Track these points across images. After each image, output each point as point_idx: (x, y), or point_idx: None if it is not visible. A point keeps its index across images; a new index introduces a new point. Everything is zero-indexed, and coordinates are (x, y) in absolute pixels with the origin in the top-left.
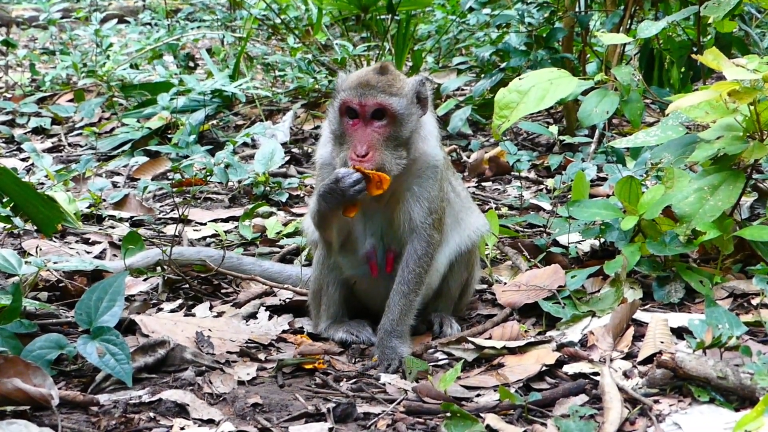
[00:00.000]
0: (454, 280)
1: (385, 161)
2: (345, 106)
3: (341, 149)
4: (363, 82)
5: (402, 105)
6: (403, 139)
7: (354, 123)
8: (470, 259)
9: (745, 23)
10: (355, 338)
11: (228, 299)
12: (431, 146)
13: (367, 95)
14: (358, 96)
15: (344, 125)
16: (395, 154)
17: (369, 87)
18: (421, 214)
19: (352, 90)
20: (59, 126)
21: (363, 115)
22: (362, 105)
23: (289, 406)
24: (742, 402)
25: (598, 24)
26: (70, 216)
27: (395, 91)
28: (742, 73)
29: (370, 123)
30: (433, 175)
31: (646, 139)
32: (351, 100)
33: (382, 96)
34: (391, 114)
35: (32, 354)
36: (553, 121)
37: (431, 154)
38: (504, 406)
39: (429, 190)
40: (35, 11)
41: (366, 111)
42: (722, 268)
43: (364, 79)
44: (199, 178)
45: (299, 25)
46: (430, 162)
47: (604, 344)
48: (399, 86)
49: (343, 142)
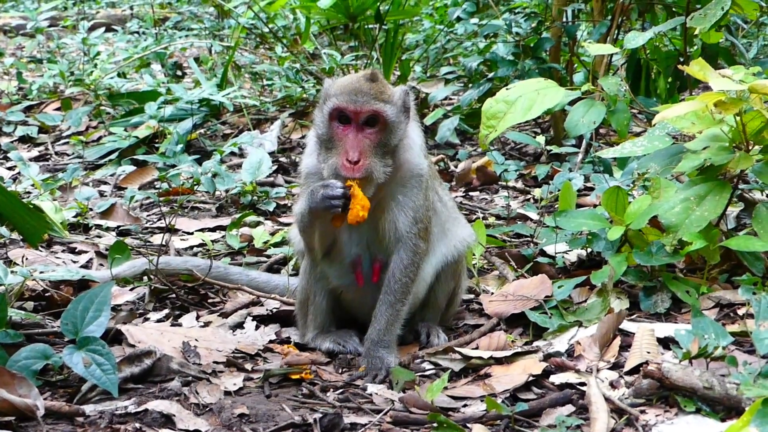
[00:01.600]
0: (441, 290)
1: (374, 169)
2: (337, 112)
3: (328, 155)
4: (356, 89)
5: (393, 112)
6: (391, 147)
7: (345, 129)
8: (457, 270)
9: (731, 34)
10: (342, 348)
11: (215, 309)
12: (415, 155)
13: (362, 102)
14: (352, 102)
15: (334, 130)
16: (383, 161)
17: (362, 93)
18: (406, 224)
19: (344, 96)
20: (46, 135)
21: (356, 121)
22: (357, 111)
23: (275, 416)
24: (728, 412)
25: (585, 34)
26: (56, 225)
27: (387, 99)
28: (728, 84)
29: (361, 129)
30: (417, 184)
31: (632, 149)
32: (345, 106)
33: (376, 103)
34: (383, 121)
35: (18, 364)
36: (540, 131)
37: (415, 163)
38: (491, 416)
39: (414, 200)
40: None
41: (360, 117)
42: (708, 278)
43: (356, 85)
44: (186, 187)
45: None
46: (414, 171)
47: (590, 354)
48: (389, 94)
49: (331, 147)
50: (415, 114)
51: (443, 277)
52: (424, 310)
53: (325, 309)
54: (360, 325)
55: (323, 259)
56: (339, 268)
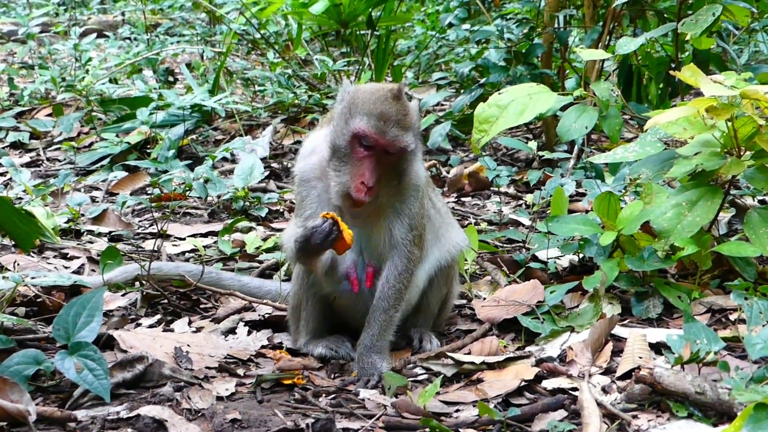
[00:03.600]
0: (433, 295)
1: (381, 194)
2: (362, 137)
3: (341, 168)
4: (383, 115)
5: (412, 141)
6: (402, 170)
7: (366, 152)
8: (449, 275)
9: (722, 40)
10: (335, 353)
11: (207, 314)
12: (416, 167)
13: (389, 134)
14: (379, 133)
15: (354, 149)
16: (391, 183)
17: (390, 122)
18: (402, 231)
19: (373, 121)
20: (38, 140)
21: (378, 150)
22: (382, 144)
23: (267, 421)
24: (720, 417)
25: (577, 40)
26: (48, 231)
27: (408, 124)
28: (719, 90)
29: (381, 156)
30: (415, 193)
31: (624, 154)
32: (372, 135)
33: (402, 136)
34: (403, 151)
35: (9, 370)
36: (532, 137)
37: (415, 174)
38: (483, 421)
39: (410, 207)
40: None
41: (384, 148)
42: (700, 283)
43: (384, 109)
44: (178, 192)
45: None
46: (413, 181)
47: (582, 359)
48: (410, 117)
49: (346, 162)
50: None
51: (436, 283)
52: (416, 315)
53: (317, 314)
54: (353, 330)
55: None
56: (332, 274)
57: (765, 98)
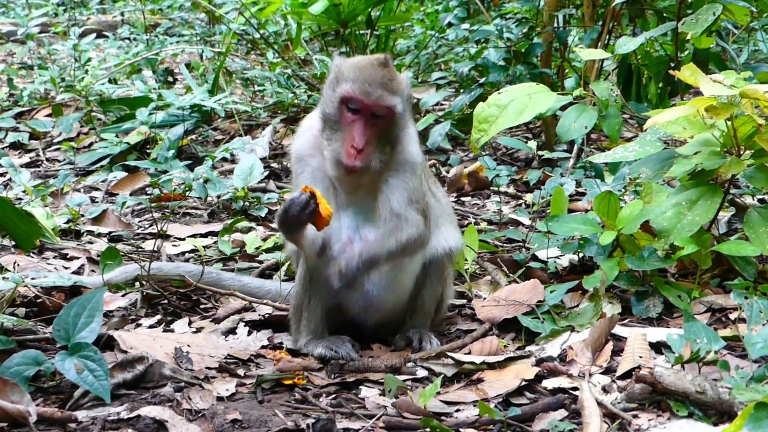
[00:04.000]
0: (428, 293)
1: (373, 159)
2: (348, 100)
3: (332, 136)
4: (370, 77)
5: (401, 105)
6: (393, 137)
7: (354, 116)
8: (443, 273)
9: (722, 39)
10: (335, 354)
11: (207, 315)
12: (410, 145)
13: (374, 94)
14: (366, 94)
15: (343, 115)
16: (382, 151)
17: (376, 84)
18: (400, 203)
19: (359, 84)
20: (37, 141)
21: (365, 112)
22: (368, 105)
23: (268, 422)
24: (720, 416)
25: (576, 39)
26: (48, 231)
27: (396, 89)
28: (719, 89)
29: (369, 119)
30: (410, 169)
31: (624, 154)
32: (360, 98)
33: (387, 96)
34: (392, 113)
35: (9, 371)
36: (531, 136)
37: (409, 151)
38: (483, 421)
39: (407, 182)
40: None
41: (372, 109)
42: (700, 282)
43: (370, 73)
44: (178, 193)
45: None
46: (407, 158)
47: (583, 359)
48: (398, 82)
49: (336, 129)
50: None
51: (429, 280)
52: (413, 316)
53: (319, 314)
54: (354, 327)
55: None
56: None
57: (764, 97)
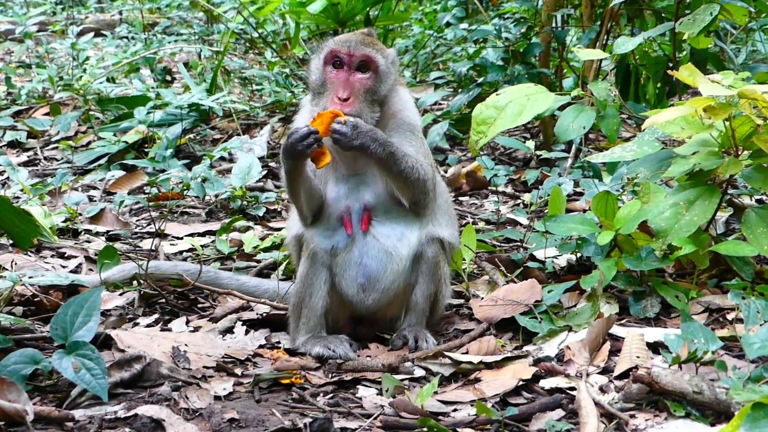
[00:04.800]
0: (420, 290)
1: (363, 111)
2: (332, 56)
3: (320, 99)
4: (351, 38)
5: (384, 62)
6: (380, 96)
7: (338, 72)
8: (437, 272)
9: (720, 39)
10: (332, 353)
11: (204, 314)
12: (408, 111)
13: (356, 47)
14: (347, 47)
15: (327, 75)
16: (371, 108)
17: (357, 42)
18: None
19: (341, 42)
20: (35, 140)
21: (349, 65)
22: (350, 55)
23: (265, 421)
24: (717, 416)
25: (574, 39)
26: (45, 230)
27: (377, 48)
28: (717, 89)
29: (353, 74)
30: (411, 131)
31: (622, 154)
32: (339, 50)
33: (368, 49)
34: (374, 68)
35: (7, 369)
36: (530, 136)
37: (408, 115)
38: (481, 420)
39: (410, 142)
40: (11, 24)
41: (353, 61)
42: (698, 283)
43: (351, 36)
44: (176, 192)
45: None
46: (407, 120)
47: (580, 359)
48: (380, 46)
49: (323, 91)
50: (405, 81)
51: (422, 277)
52: (408, 314)
53: (319, 312)
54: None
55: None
56: (327, 223)
57: (762, 98)
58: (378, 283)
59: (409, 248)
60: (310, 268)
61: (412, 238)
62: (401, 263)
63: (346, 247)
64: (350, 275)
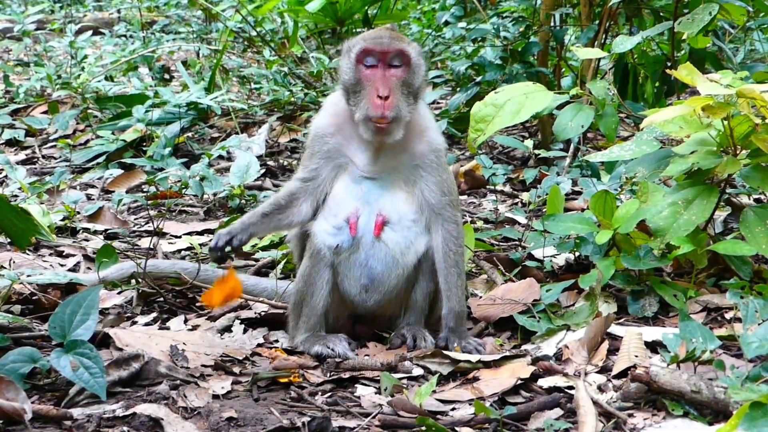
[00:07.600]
0: (420, 290)
1: (401, 107)
2: (365, 54)
3: (357, 99)
4: (380, 34)
5: (416, 54)
6: (414, 88)
7: (372, 70)
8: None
9: (718, 39)
10: (331, 352)
11: (203, 312)
12: (432, 128)
13: (388, 42)
14: (380, 43)
15: (361, 74)
16: (407, 101)
17: (387, 36)
18: (435, 196)
19: (372, 39)
20: (33, 138)
21: (383, 61)
22: (384, 51)
23: (264, 419)
24: (715, 416)
25: (573, 38)
26: (44, 228)
27: (409, 42)
28: (715, 89)
29: (387, 69)
30: (437, 159)
31: (620, 153)
32: (372, 47)
33: (401, 43)
34: (407, 61)
35: (5, 368)
36: (528, 135)
37: (434, 136)
38: (479, 419)
39: (438, 174)
40: (9, 22)
41: (387, 57)
42: (696, 282)
43: (380, 32)
44: (174, 190)
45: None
46: (434, 145)
47: (578, 358)
48: (408, 40)
49: (358, 91)
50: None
51: (422, 276)
52: (407, 313)
53: (319, 311)
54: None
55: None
56: (334, 221)
57: (761, 97)
58: (381, 285)
59: (416, 255)
60: (312, 267)
61: (419, 247)
62: (407, 269)
63: (350, 247)
64: (354, 275)
